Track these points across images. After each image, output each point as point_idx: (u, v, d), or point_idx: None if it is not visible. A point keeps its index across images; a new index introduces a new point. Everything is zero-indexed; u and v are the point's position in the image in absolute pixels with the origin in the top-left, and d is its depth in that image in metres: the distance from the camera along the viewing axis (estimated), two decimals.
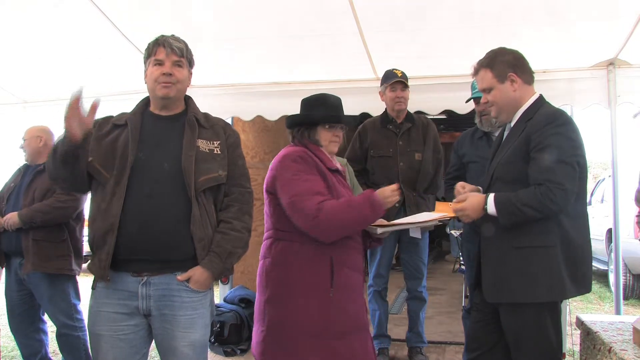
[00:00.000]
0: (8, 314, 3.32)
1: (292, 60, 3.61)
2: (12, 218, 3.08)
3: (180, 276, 1.91)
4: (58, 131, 3.44)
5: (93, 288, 1.97)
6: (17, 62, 3.70)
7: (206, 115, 2.12)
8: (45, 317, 3.39)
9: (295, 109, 3.62)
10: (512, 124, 2.15)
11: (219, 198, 2.03)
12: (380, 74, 3.47)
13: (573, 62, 3.41)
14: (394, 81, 3.26)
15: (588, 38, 3.12)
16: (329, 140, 2.22)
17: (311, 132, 2.21)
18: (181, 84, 2.01)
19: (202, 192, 1.94)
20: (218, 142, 2.03)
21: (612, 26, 3.01)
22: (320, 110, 2.24)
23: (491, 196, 2.02)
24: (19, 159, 3.60)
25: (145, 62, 2.03)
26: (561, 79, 3.45)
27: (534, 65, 3.39)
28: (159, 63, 1.97)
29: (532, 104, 2.12)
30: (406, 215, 3.22)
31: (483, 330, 2.24)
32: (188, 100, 2.12)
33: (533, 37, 3.13)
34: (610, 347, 1.85)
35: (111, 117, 2.08)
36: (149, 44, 2.01)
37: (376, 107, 3.57)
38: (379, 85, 3.41)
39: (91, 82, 3.99)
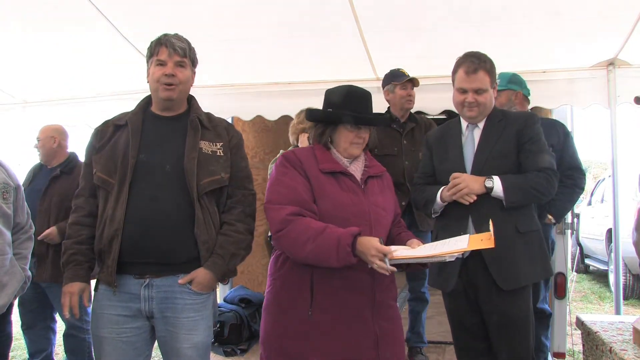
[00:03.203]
0: (19, 307, 3.31)
1: (292, 60, 3.61)
2: (52, 234, 3.08)
3: (182, 279, 1.90)
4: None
5: (95, 290, 1.97)
6: (17, 63, 3.70)
7: (209, 115, 2.10)
8: (56, 316, 3.40)
9: (295, 108, 3.65)
10: (480, 125, 2.31)
11: (221, 200, 2.01)
12: (380, 74, 3.47)
13: (573, 62, 3.41)
14: (406, 80, 3.26)
15: (588, 38, 3.13)
16: (350, 141, 1.93)
17: (332, 130, 1.95)
18: (184, 85, 1.99)
19: (204, 194, 1.93)
20: (221, 143, 2.01)
21: (612, 26, 3.01)
22: (345, 107, 1.93)
23: (495, 176, 2.18)
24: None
25: (147, 61, 2.00)
26: (561, 79, 3.45)
27: (534, 65, 3.43)
28: (161, 63, 1.94)
29: (493, 108, 2.35)
30: (412, 214, 3.23)
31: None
32: (191, 100, 2.09)
33: (533, 37, 3.13)
34: (611, 347, 1.85)
35: (109, 120, 2.06)
36: (152, 42, 1.98)
37: (376, 107, 3.55)
38: (380, 85, 3.41)
39: (91, 82, 4.00)
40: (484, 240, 1.73)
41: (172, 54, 1.93)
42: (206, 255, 1.93)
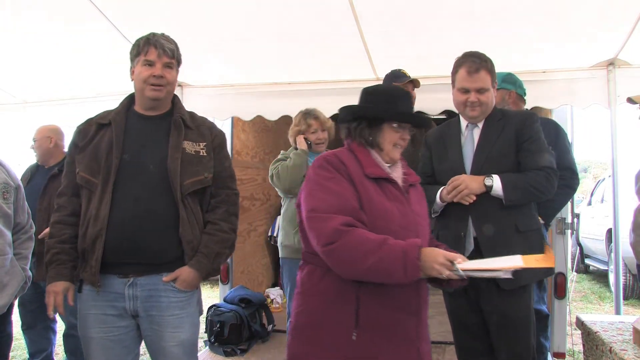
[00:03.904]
0: (20, 308, 3.31)
1: (292, 60, 3.61)
2: None
3: (167, 277, 1.91)
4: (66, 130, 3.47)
5: (79, 292, 1.97)
6: (17, 63, 3.70)
7: (192, 114, 2.10)
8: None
9: (295, 108, 3.65)
10: (480, 125, 2.32)
11: (204, 199, 2.02)
12: (380, 74, 3.47)
13: (573, 62, 3.41)
14: (407, 81, 3.26)
15: (588, 38, 3.12)
16: (394, 142, 1.76)
17: (373, 130, 1.75)
18: (171, 86, 1.99)
19: (187, 194, 1.93)
20: (204, 143, 2.02)
21: (612, 26, 3.01)
22: (391, 104, 1.76)
23: (495, 175, 2.18)
24: (21, 159, 3.61)
25: (133, 60, 1.99)
26: (561, 79, 3.45)
27: (534, 65, 3.43)
28: (150, 64, 1.93)
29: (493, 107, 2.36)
30: None
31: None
32: (174, 99, 2.09)
33: (533, 37, 3.13)
34: (611, 347, 1.85)
35: (92, 118, 2.06)
36: (139, 41, 1.97)
37: None
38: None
39: (91, 82, 4.00)
40: (539, 260, 1.63)
41: (161, 55, 1.93)
42: (191, 254, 1.94)
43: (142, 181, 1.90)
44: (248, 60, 3.62)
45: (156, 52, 1.93)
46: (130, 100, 2.06)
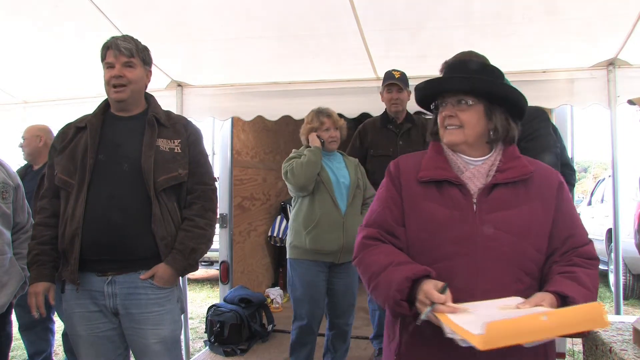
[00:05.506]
0: (18, 309, 3.31)
1: (292, 60, 3.61)
2: None
3: (143, 275, 1.93)
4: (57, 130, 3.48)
5: (62, 292, 2.00)
6: (17, 63, 3.70)
7: (168, 113, 2.13)
8: (55, 317, 3.40)
9: (295, 108, 3.66)
10: None
11: (181, 196, 2.04)
12: (381, 74, 3.47)
13: (573, 62, 3.41)
14: (389, 83, 3.26)
15: (588, 38, 3.12)
16: (441, 124, 1.47)
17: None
18: (135, 85, 2.01)
19: (162, 191, 1.95)
20: (178, 140, 2.04)
21: (612, 26, 3.01)
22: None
23: None
24: (21, 159, 3.61)
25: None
26: (561, 79, 3.45)
27: (534, 65, 3.43)
28: (110, 66, 1.98)
29: None
30: None
31: None
32: (149, 98, 2.12)
33: (533, 37, 3.13)
34: (611, 347, 1.85)
35: (71, 122, 2.10)
36: (101, 47, 2.02)
37: (376, 107, 3.57)
38: (380, 85, 3.41)
39: (91, 82, 4.00)
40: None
41: (117, 55, 1.97)
42: (165, 251, 1.96)
43: (116, 180, 1.93)
44: (248, 60, 3.61)
45: (113, 53, 1.97)
46: (107, 103, 2.11)
